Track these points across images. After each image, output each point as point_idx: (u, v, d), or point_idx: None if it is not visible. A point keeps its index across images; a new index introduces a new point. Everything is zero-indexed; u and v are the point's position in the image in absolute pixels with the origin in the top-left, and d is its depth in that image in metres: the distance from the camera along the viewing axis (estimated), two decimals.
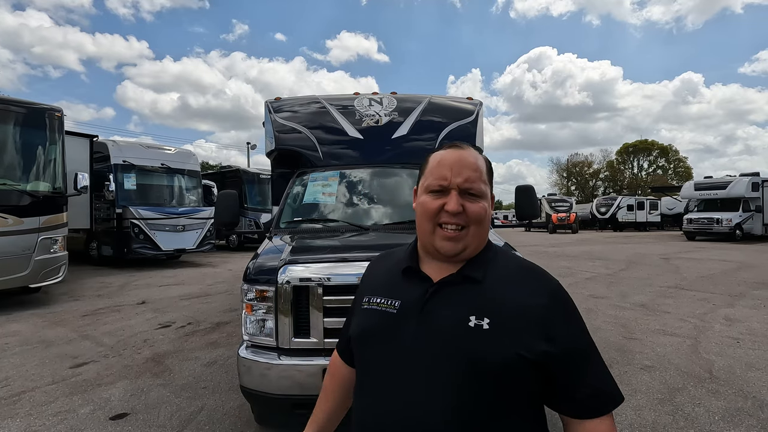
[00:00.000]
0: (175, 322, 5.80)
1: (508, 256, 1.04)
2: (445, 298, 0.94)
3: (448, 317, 0.90)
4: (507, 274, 0.96)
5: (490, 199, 1.01)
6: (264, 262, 2.56)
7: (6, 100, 6.93)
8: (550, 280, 0.97)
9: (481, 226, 0.97)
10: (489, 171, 1.03)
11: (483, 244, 1.00)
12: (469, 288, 0.94)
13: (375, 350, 0.97)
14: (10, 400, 3.40)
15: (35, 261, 6.54)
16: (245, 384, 2.39)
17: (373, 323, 0.99)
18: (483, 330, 0.87)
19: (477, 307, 0.90)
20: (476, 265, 0.97)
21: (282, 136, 4.23)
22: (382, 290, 1.03)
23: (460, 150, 1.00)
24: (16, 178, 6.65)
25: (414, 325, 0.92)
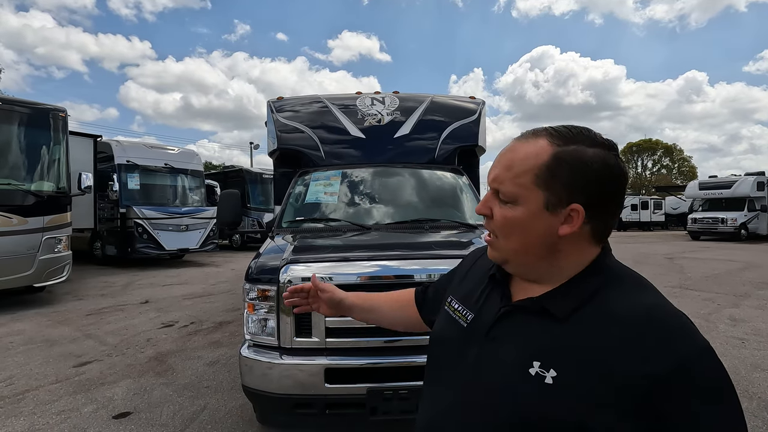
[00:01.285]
0: (178, 321, 5.82)
1: (629, 288, 0.71)
2: (515, 327, 0.75)
3: (510, 353, 0.72)
4: (610, 316, 0.67)
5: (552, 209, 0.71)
6: (266, 262, 2.57)
7: (10, 101, 6.98)
8: (687, 341, 0.63)
9: (510, 240, 0.75)
10: (555, 172, 0.71)
11: (544, 265, 0.75)
12: (548, 324, 0.71)
13: (440, 358, 0.87)
14: (14, 398, 3.42)
15: (39, 260, 6.57)
16: (247, 383, 2.39)
17: (446, 331, 0.88)
18: (544, 384, 0.66)
19: (547, 350, 0.68)
20: (563, 296, 0.72)
21: (284, 136, 4.23)
22: (465, 294, 0.89)
23: (517, 141, 0.77)
24: (21, 178, 6.68)
25: (476, 349, 0.77)
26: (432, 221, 3.39)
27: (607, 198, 0.72)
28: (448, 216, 3.55)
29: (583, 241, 0.73)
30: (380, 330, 2.31)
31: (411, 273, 2.39)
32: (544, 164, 0.71)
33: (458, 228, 3.33)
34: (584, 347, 0.66)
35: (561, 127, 0.74)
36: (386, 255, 2.52)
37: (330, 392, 2.25)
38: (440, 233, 3.19)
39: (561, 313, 0.70)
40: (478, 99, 4.66)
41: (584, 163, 0.70)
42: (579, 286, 0.72)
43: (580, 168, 0.70)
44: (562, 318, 0.70)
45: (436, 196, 3.85)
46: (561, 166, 0.71)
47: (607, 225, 0.75)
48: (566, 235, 0.71)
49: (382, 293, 1.22)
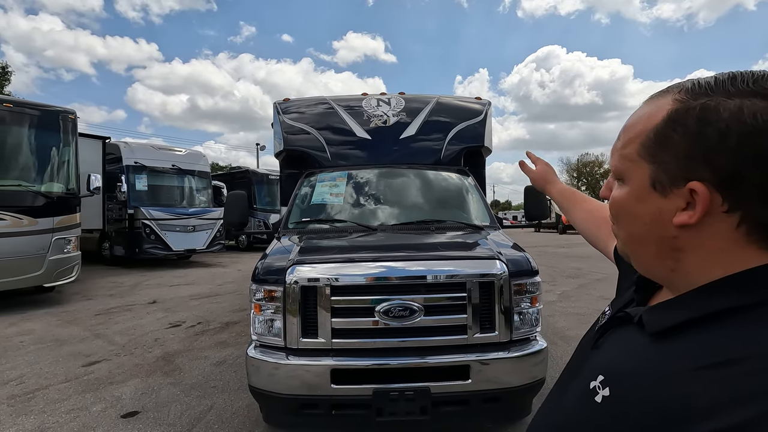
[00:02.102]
0: (185, 321, 5.86)
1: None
2: (614, 337, 0.62)
3: (597, 363, 0.60)
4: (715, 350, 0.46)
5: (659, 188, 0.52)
6: (272, 263, 2.58)
7: (21, 103, 7.07)
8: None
9: (619, 227, 0.61)
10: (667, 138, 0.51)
11: (663, 268, 0.56)
12: (641, 337, 0.56)
13: (570, 360, 0.75)
14: (25, 397, 3.46)
15: (49, 261, 6.65)
16: (254, 383, 2.41)
17: (587, 332, 0.75)
18: (593, 400, 0.54)
19: (615, 366, 0.56)
20: (671, 308, 0.54)
21: (291, 137, 4.25)
22: (617, 297, 0.76)
23: (644, 102, 0.59)
24: (31, 180, 6.77)
25: (587, 354, 0.66)
26: (438, 222, 3.39)
27: (760, 173, 0.46)
28: (454, 217, 3.55)
29: (726, 240, 0.50)
30: (386, 331, 2.33)
31: (417, 274, 2.39)
32: (654, 128, 0.53)
33: (464, 229, 3.33)
34: (658, 378, 0.48)
35: (707, 78, 0.53)
36: (392, 256, 2.53)
37: (336, 393, 2.26)
38: (446, 234, 3.19)
39: (652, 328, 0.54)
40: (484, 100, 4.65)
41: (712, 123, 0.48)
42: (695, 301, 0.52)
43: (705, 130, 0.48)
44: (651, 333, 0.54)
45: (442, 197, 3.85)
46: (675, 129, 0.51)
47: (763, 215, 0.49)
48: (687, 227, 0.51)
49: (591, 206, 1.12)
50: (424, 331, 2.34)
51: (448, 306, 2.37)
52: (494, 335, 2.39)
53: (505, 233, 3.30)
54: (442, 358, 2.31)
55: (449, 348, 2.35)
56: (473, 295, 2.35)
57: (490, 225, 3.44)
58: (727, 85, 0.50)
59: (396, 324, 2.30)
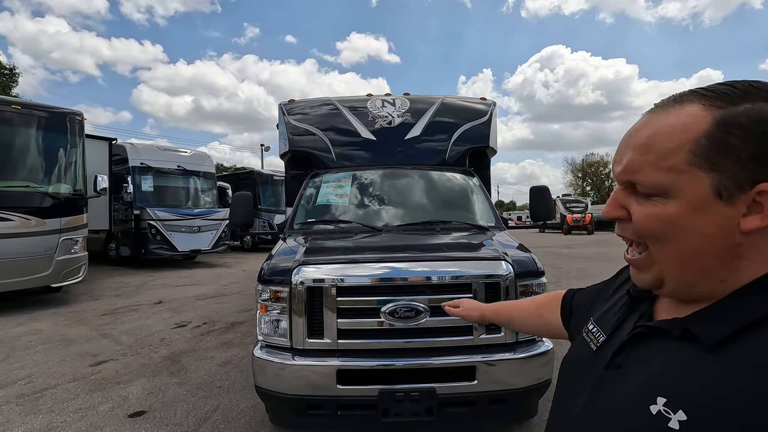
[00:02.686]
0: (191, 321, 5.89)
1: None
2: (645, 353, 0.59)
3: (633, 384, 0.57)
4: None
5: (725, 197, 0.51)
6: (278, 263, 2.59)
7: (29, 105, 7.14)
8: None
9: (665, 248, 0.55)
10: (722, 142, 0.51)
11: (706, 280, 0.55)
12: (689, 351, 0.53)
13: (564, 385, 0.74)
14: (33, 396, 3.49)
15: (57, 261, 6.71)
16: (260, 384, 2.42)
17: (573, 355, 0.75)
18: (667, 427, 0.50)
19: (678, 386, 0.51)
20: (717, 317, 0.53)
21: (295, 138, 4.26)
22: (603, 313, 0.75)
23: (650, 113, 0.59)
24: (39, 181, 6.83)
25: (598, 375, 0.63)
26: (443, 223, 3.39)
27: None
28: (459, 218, 3.54)
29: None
30: (392, 332, 2.33)
31: (423, 275, 2.39)
32: (703, 135, 0.52)
33: (469, 230, 3.32)
34: (732, 391, 0.47)
35: (716, 85, 0.55)
36: (398, 257, 2.53)
37: (342, 393, 2.26)
38: (451, 235, 3.18)
39: (709, 339, 0.51)
40: (489, 100, 4.64)
41: (734, 126, 0.51)
42: (745, 304, 0.52)
43: (765, 131, 0.49)
44: (708, 345, 0.51)
45: (447, 197, 3.85)
46: (731, 133, 0.51)
47: None
48: (753, 231, 0.51)
49: (526, 302, 1.15)
50: (429, 331, 2.34)
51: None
52: (500, 336, 2.39)
53: (511, 234, 3.29)
54: (448, 359, 2.31)
55: (455, 349, 2.35)
56: (479, 296, 2.34)
57: (496, 225, 3.44)
58: (757, 90, 0.52)
59: (401, 325, 2.30)
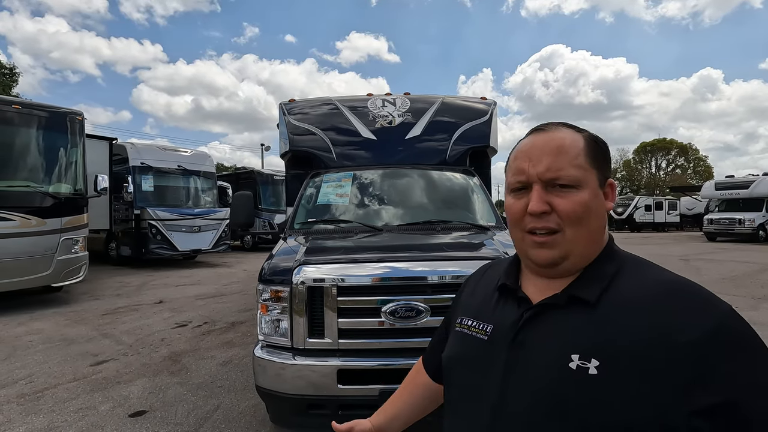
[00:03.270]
0: (192, 321, 5.89)
1: (645, 269, 0.74)
2: (544, 327, 0.72)
3: (545, 353, 0.69)
4: (637, 295, 0.68)
5: (602, 187, 0.76)
6: (278, 263, 2.59)
7: (29, 105, 7.14)
8: (714, 304, 0.64)
9: (581, 227, 0.72)
10: (594, 151, 0.76)
11: (595, 250, 0.75)
12: (578, 314, 0.70)
13: (463, 379, 0.82)
14: (34, 396, 3.50)
15: (57, 261, 6.71)
16: (260, 383, 2.42)
17: (463, 350, 0.84)
18: (588, 375, 0.63)
19: (583, 341, 0.66)
20: (588, 282, 0.72)
21: (296, 138, 4.26)
22: (476, 310, 0.87)
23: (543, 133, 0.77)
24: (39, 180, 6.83)
25: (504, 358, 0.74)
26: (443, 222, 3.39)
27: (611, 173, 0.80)
28: (459, 217, 3.54)
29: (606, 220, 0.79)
30: (392, 332, 2.33)
31: (423, 274, 2.39)
32: (586, 146, 0.76)
33: (470, 229, 3.32)
34: (621, 329, 0.65)
35: (562, 123, 0.81)
36: (398, 257, 2.53)
37: (342, 393, 2.26)
38: (452, 234, 3.18)
39: (592, 297, 0.69)
40: (489, 99, 4.63)
41: (604, 144, 0.79)
42: (600, 272, 0.73)
43: (604, 148, 0.79)
44: (593, 303, 0.69)
45: (448, 197, 3.84)
46: (595, 146, 0.77)
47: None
48: (608, 212, 0.78)
49: (396, 392, 1.12)
50: (430, 331, 2.33)
51: None
52: None
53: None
54: None
55: None
56: None
57: (496, 225, 3.43)
58: (575, 126, 0.80)
59: (402, 324, 2.30)
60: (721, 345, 0.60)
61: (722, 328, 0.62)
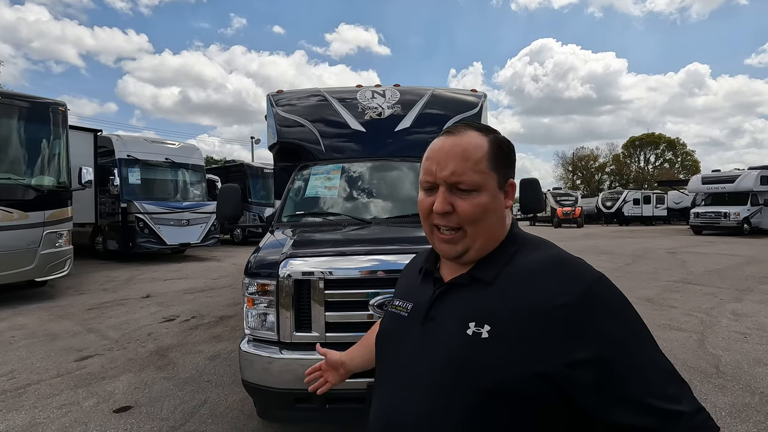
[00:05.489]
0: (179, 315, 5.83)
1: (538, 249, 0.85)
2: (450, 302, 0.84)
3: (448, 324, 0.81)
4: (526, 272, 0.79)
5: (501, 188, 0.85)
6: (265, 256, 2.55)
7: (10, 95, 6.95)
8: (585, 273, 0.76)
9: (479, 225, 0.82)
10: (497, 155, 0.84)
11: (493, 241, 0.85)
12: (477, 291, 0.82)
13: (386, 354, 0.93)
14: (16, 392, 3.43)
15: (41, 255, 6.58)
16: (247, 378, 2.39)
17: (388, 326, 0.97)
18: (481, 339, 0.75)
19: (479, 312, 0.78)
20: (488, 265, 0.84)
21: (284, 130, 4.20)
22: (403, 291, 1.00)
23: (452, 136, 0.85)
24: (21, 173, 6.67)
25: (418, 331, 0.85)
26: None
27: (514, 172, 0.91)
28: None
29: (508, 211, 0.88)
30: None
31: None
32: (490, 150, 0.84)
33: None
34: (509, 300, 0.76)
35: (472, 123, 0.89)
36: (387, 249, 2.50)
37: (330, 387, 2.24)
38: None
39: (488, 278, 0.81)
40: (480, 92, 4.61)
41: (507, 146, 0.88)
42: (500, 254, 0.84)
43: (507, 149, 0.88)
44: (489, 282, 0.81)
45: None
46: (499, 150, 0.85)
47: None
48: (508, 208, 0.88)
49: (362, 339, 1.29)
50: None
51: None
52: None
53: None
54: None
55: None
56: None
57: None
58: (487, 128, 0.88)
59: None
60: (589, 306, 0.71)
61: (590, 292, 0.73)
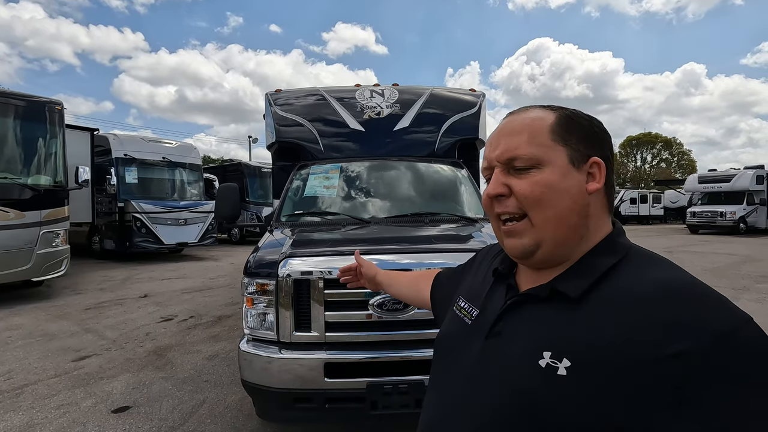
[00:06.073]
0: (177, 315, 5.81)
1: (652, 267, 0.63)
2: (522, 319, 0.68)
3: (517, 346, 0.65)
4: (629, 294, 0.59)
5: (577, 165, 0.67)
6: (264, 256, 2.54)
7: (5, 93, 6.90)
8: (722, 312, 0.54)
9: (545, 209, 0.66)
10: (567, 127, 0.69)
11: (573, 236, 0.67)
12: (558, 310, 0.64)
13: (443, 357, 0.81)
14: (13, 393, 3.41)
15: (37, 255, 6.54)
16: (246, 378, 2.38)
17: (450, 330, 0.84)
18: (557, 376, 0.58)
19: (558, 339, 0.61)
20: (575, 276, 0.65)
21: (283, 129, 4.19)
22: (473, 291, 0.85)
23: (510, 115, 0.73)
24: (17, 172, 6.63)
25: (480, 346, 0.71)
26: (432, 215, 3.37)
27: (610, 156, 0.71)
28: (448, 210, 3.52)
29: (602, 205, 0.70)
30: (380, 324, 2.31)
31: (409, 267, 2.36)
32: (555, 122, 0.69)
33: (458, 222, 3.31)
34: (601, 330, 0.58)
35: (542, 105, 0.75)
36: (384, 249, 2.50)
37: (330, 386, 2.24)
38: (440, 227, 3.17)
39: (574, 293, 0.63)
40: (478, 92, 4.61)
41: (588, 121, 0.71)
42: (592, 264, 0.65)
43: (587, 125, 0.71)
44: (575, 299, 0.62)
45: (436, 189, 3.82)
46: (570, 122, 0.70)
47: (613, 189, 0.73)
48: (594, 193, 0.68)
49: (411, 273, 1.38)
50: (418, 323, 2.33)
51: None
52: None
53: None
54: None
55: None
56: None
57: (485, 217, 3.43)
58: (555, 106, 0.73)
59: (390, 317, 2.28)
60: (722, 363, 0.50)
61: (728, 341, 0.51)
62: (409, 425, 2.80)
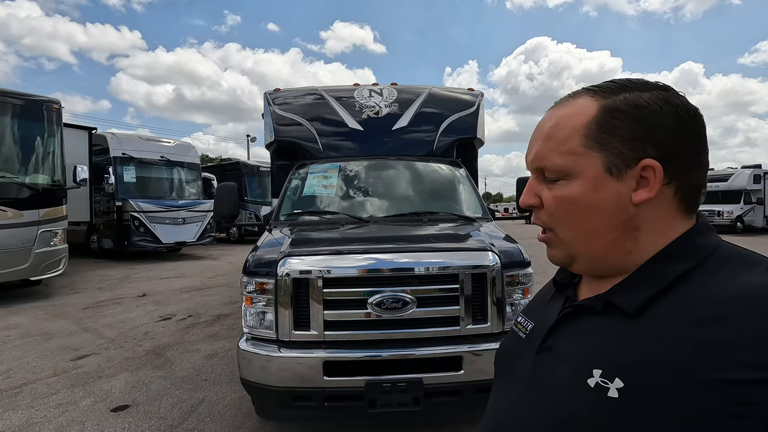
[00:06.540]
0: (176, 314, 5.81)
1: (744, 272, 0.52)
2: (574, 332, 0.61)
3: (567, 362, 0.58)
4: (703, 306, 0.50)
5: (616, 172, 0.57)
6: (263, 255, 2.55)
7: (3, 92, 6.88)
8: None
9: (569, 226, 0.61)
10: (607, 125, 0.57)
11: (613, 255, 0.59)
12: (612, 324, 0.57)
13: (499, 378, 0.76)
14: (12, 392, 3.41)
15: (35, 254, 6.53)
16: (245, 376, 2.39)
17: (506, 346, 0.77)
18: (607, 398, 0.51)
19: (611, 356, 0.53)
20: (632, 288, 0.57)
21: (281, 128, 4.19)
22: (531, 306, 0.79)
23: (552, 108, 0.64)
24: (15, 171, 6.61)
25: (530, 360, 0.65)
26: (430, 214, 3.38)
27: (685, 148, 0.57)
28: (446, 209, 3.54)
29: (668, 210, 0.58)
30: (379, 323, 2.32)
31: (407, 266, 2.38)
32: (593, 120, 0.58)
33: (456, 221, 3.32)
34: (660, 347, 0.50)
35: (603, 83, 0.62)
36: (385, 248, 2.51)
37: (329, 385, 2.25)
38: (438, 226, 3.18)
39: (630, 307, 0.55)
40: (477, 91, 4.62)
41: (644, 108, 0.56)
42: (655, 273, 0.56)
43: (641, 114, 0.56)
44: (631, 313, 0.54)
45: (434, 188, 3.84)
46: (615, 117, 0.57)
47: (697, 185, 0.59)
48: (644, 203, 0.56)
49: None
50: (416, 322, 2.34)
51: (440, 297, 2.37)
52: (486, 326, 2.40)
53: (498, 225, 3.30)
54: (435, 350, 2.31)
55: (442, 339, 2.35)
56: (466, 287, 2.35)
57: (483, 216, 3.44)
58: (633, 84, 0.59)
59: (388, 316, 2.30)
60: None
61: None
62: (408, 423, 2.82)
